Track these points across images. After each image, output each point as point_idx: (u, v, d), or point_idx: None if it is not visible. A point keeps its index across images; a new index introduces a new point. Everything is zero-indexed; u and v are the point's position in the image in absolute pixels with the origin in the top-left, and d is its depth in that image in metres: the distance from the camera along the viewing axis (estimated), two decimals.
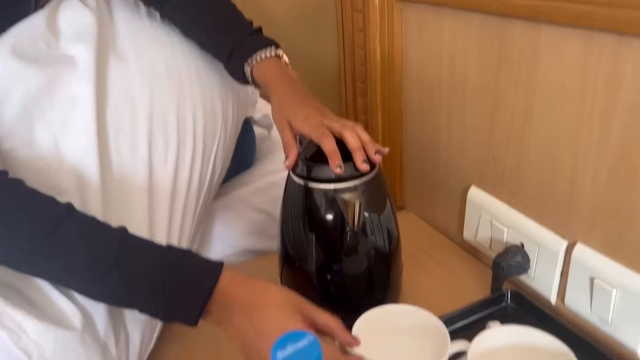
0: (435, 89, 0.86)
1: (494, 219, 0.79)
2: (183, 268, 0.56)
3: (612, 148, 0.60)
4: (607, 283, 0.63)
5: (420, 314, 0.64)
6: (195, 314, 0.55)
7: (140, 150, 0.70)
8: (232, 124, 0.85)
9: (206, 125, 0.78)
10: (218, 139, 0.80)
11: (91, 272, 0.55)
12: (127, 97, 0.71)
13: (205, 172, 0.78)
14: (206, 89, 0.79)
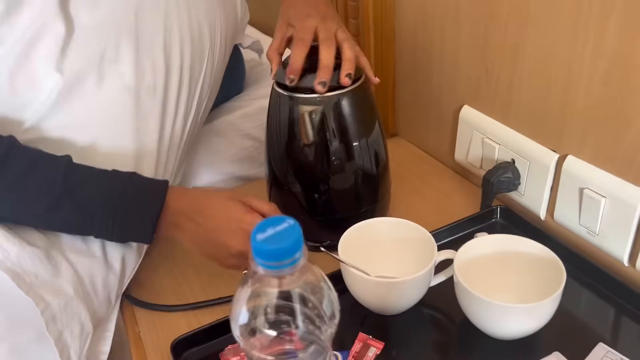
0: (427, 5, 0.83)
1: (485, 136, 0.78)
2: (131, 190, 0.60)
3: (606, 53, 0.58)
4: (596, 193, 0.63)
5: (408, 226, 0.64)
6: (149, 232, 0.60)
7: (127, 78, 0.67)
8: (220, 51, 0.81)
9: (193, 52, 0.75)
10: (205, 66, 0.78)
11: (42, 204, 0.57)
12: (111, 20, 0.67)
13: (192, 101, 0.76)
14: (193, 14, 0.75)
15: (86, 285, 0.60)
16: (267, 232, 0.35)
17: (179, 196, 0.62)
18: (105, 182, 0.59)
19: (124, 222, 0.59)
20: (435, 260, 0.60)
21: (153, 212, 0.60)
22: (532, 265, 0.59)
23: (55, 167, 0.57)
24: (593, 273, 0.64)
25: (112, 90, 0.66)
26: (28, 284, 0.54)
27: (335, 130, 0.67)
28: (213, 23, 0.78)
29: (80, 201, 0.57)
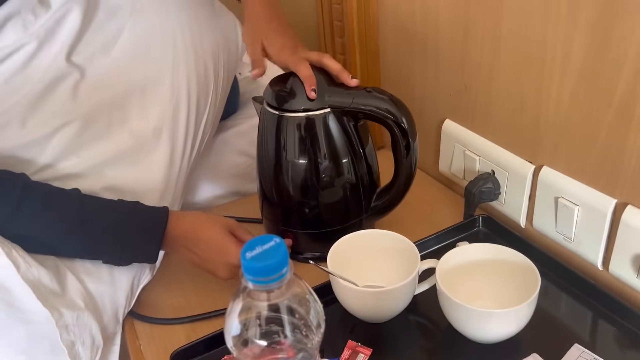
0: (409, 23, 0.87)
1: (466, 149, 0.82)
2: (136, 218, 0.65)
3: (573, 70, 0.61)
4: (570, 201, 0.67)
5: (394, 237, 0.68)
6: (154, 254, 0.66)
7: (133, 123, 0.71)
8: (223, 85, 0.85)
9: (199, 91, 0.78)
10: (210, 102, 0.81)
11: (56, 237, 0.62)
12: (120, 66, 0.71)
13: (197, 135, 0.80)
14: (200, 54, 0.78)
15: (97, 302, 0.64)
16: (256, 250, 0.39)
17: (177, 222, 0.67)
18: (114, 212, 0.64)
19: (131, 247, 0.65)
20: (418, 270, 0.63)
21: (157, 236, 0.65)
22: (510, 272, 0.62)
23: (68, 203, 0.62)
24: (569, 277, 0.68)
25: (118, 135, 0.70)
26: (44, 295, 0.58)
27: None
28: (217, 60, 0.81)
29: (92, 231, 0.62)
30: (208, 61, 0.79)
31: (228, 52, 0.85)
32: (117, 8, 0.73)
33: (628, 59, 0.55)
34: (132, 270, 0.69)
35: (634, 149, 0.58)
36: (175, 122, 0.75)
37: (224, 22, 0.86)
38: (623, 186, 0.61)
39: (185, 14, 0.78)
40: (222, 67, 0.83)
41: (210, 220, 0.70)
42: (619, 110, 0.58)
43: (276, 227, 0.78)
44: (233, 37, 0.88)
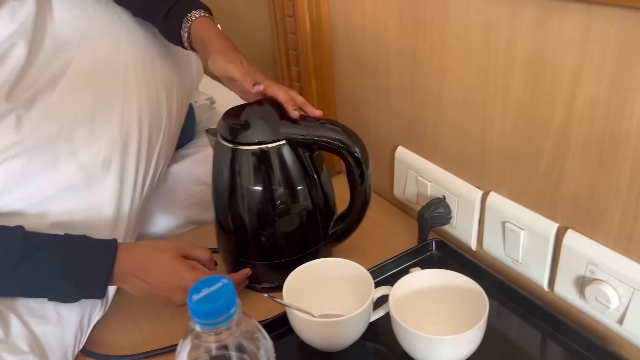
0: (361, 53, 0.89)
1: (419, 175, 0.84)
2: (83, 251, 0.64)
3: (513, 102, 0.65)
4: (516, 225, 0.69)
5: (349, 265, 0.69)
6: (102, 289, 0.64)
7: (81, 156, 0.70)
8: (176, 115, 0.85)
9: (151, 122, 0.78)
10: (163, 133, 0.81)
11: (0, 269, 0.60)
12: (68, 99, 0.70)
13: (149, 168, 0.80)
14: (152, 83, 0.78)
15: (42, 345, 0.62)
16: (202, 292, 0.39)
17: (126, 254, 0.65)
18: (59, 246, 0.63)
19: (78, 282, 0.63)
20: (372, 297, 0.64)
21: (105, 269, 0.63)
22: (461, 296, 0.64)
23: (10, 237, 0.60)
24: (518, 299, 0.70)
25: (66, 168, 0.69)
26: None
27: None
28: (170, 89, 0.81)
29: (36, 266, 0.61)
30: (161, 91, 0.79)
31: (182, 80, 0.85)
32: (65, 41, 0.72)
33: (561, 91, 0.58)
34: (81, 307, 0.68)
35: (572, 176, 0.61)
36: (125, 153, 0.74)
37: (177, 52, 0.86)
38: (563, 211, 0.64)
39: (138, 44, 0.78)
40: (176, 96, 0.83)
41: (159, 246, 0.69)
42: (556, 138, 0.61)
43: (233, 257, 0.78)
44: (187, 65, 0.89)
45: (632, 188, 0.55)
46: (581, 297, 0.63)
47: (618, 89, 0.52)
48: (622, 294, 0.58)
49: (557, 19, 0.56)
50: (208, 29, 0.75)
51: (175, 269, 0.66)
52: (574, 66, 0.56)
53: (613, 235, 0.59)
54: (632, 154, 0.53)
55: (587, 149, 0.58)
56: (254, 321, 0.44)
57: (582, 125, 0.57)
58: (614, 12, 0.50)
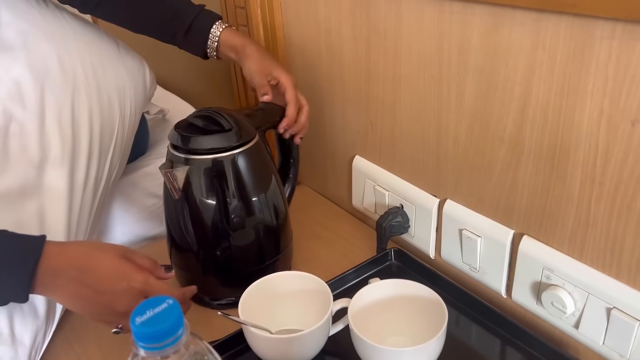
0: (316, 63, 0.89)
1: (376, 184, 0.83)
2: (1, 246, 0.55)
3: (467, 109, 0.65)
4: (473, 233, 0.69)
5: (306, 278, 0.67)
6: (23, 291, 0.55)
7: (31, 152, 0.67)
8: (130, 119, 0.83)
9: (103, 123, 0.77)
10: (115, 136, 0.79)
11: None
12: (15, 94, 0.68)
13: (103, 171, 0.77)
14: (103, 86, 0.77)
15: None
16: (146, 315, 0.37)
17: (58, 252, 0.57)
18: None
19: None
20: (331, 311, 0.62)
21: (26, 270, 0.54)
22: (420, 306, 0.63)
23: None
24: (477, 306, 0.70)
25: (16, 164, 0.66)
26: None
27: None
28: (123, 95, 0.81)
29: None
30: (112, 94, 0.78)
31: (135, 89, 0.84)
32: (10, 45, 0.70)
33: (513, 98, 0.59)
34: (36, 324, 0.64)
35: (525, 182, 0.61)
36: (76, 153, 0.72)
37: (129, 61, 0.85)
38: (518, 217, 0.64)
39: (87, 48, 0.77)
40: (129, 101, 0.82)
41: (101, 246, 0.62)
42: (509, 145, 0.61)
43: (188, 273, 0.75)
44: (140, 76, 0.87)
45: (583, 194, 0.55)
46: (538, 303, 0.64)
47: (567, 95, 0.53)
48: (577, 299, 0.59)
49: (508, 26, 0.56)
50: (239, 35, 0.81)
51: (122, 269, 0.58)
52: (525, 73, 0.56)
53: (567, 241, 0.59)
54: (582, 159, 0.54)
55: (539, 155, 0.58)
56: (204, 342, 0.41)
57: (534, 132, 0.58)
58: (561, 19, 0.51)
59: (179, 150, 0.68)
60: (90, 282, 0.57)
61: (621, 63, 0.48)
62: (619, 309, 0.55)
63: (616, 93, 0.49)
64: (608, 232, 0.55)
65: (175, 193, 0.68)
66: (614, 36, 0.47)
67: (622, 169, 0.51)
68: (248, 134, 0.70)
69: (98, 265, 0.58)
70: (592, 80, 0.50)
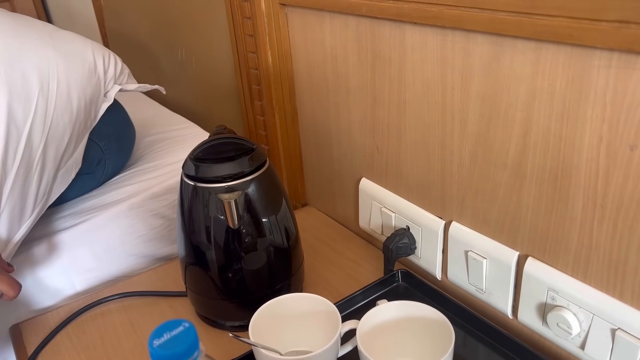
0: (323, 89, 0.91)
1: (383, 206, 0.85)
2: None
3: (470, 134, 0.66)
4: (478, 254, 0.70)
5: (315, 299, 0.68)
6: None
7: None
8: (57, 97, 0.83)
9: (12, 97, 0.76)
10: (33, 113, 0.79)
11: None
12: None
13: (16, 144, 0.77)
14: (15, 62, 0.78)
15: None
16: (163, 337, 0.38)
17: None
18: None
19: None
20: (340, 332, 0.64)
21: None
22: (427, 328, 0.64)
23: None
24: (483, 327, 0.70)
25: None
26: None
27: (244, 214, 0.70)
28: (46, 72, 0.81)
29: None
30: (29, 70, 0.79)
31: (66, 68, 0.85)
32: None
33: (515, 124, 0.60)
34: None
35: (529, 206, 0.63)
36: None
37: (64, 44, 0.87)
38: (523, 239, 0.65)
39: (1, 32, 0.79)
40: (55, 77, 0.83)
41: None
42: (512, 169, 0.63)
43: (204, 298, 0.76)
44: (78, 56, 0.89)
45: (585, 216, 0.57)
46: (544, 324, 0.65)
47: (567, 121, 0.55)
48: (582, 320, 0.60)
49: (509, 55, 0.58)
50: None
51: None
52: (526, 100, 0.58)
53: (571, 262, 0.60)
54: (583, 184, 0.55)
55: (542, 179, 0.60)
56: None
57: (536, 157, 0.59)
58: (560, 48, 0.53)
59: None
60: None
61: (618, 91, 0.49)
62: (624, 330, 0.56)
63: (614, 120, 0.51)
64: (611, 254, 0.56)
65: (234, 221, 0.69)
66: (610, 65, 0.49)
67: (622, 193, 0.52)
68: (260, 158, 0.72)
69: None
70: (590, 107, 0.52)
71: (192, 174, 0.70)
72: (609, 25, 0.47)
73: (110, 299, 0.84)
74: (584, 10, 0.48)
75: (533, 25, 0.53)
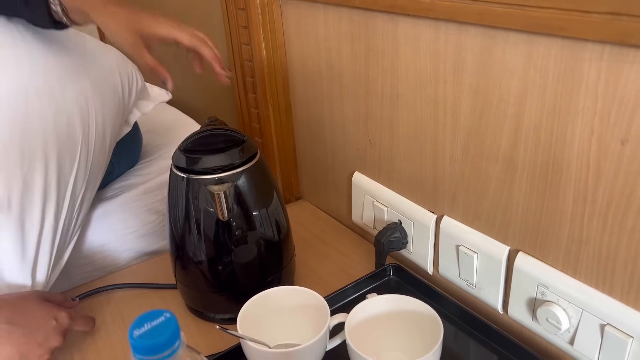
0: (316, 81, 0.90)
1: (375, 200, 0.85)
2: None
3: (462, 128, 0.66)
4: (469, 249, 0.70)
5: (304, 292, 0.68)
6: None
7: None
8: (96, 137, 0.78)
9: (61, 152, 0.72)
10: (78, 160, 0.75)
11: None
12: None
13: (61, 203, 0.74)
14: (61, 110, 0.72)
15: None
16: (144, 328, 0.38)
17: None
18: None
19: None
20: (329, 325, 0.63)
21: None
22: (416, 322, 0.64)
23: None
24: (474, 322, 0.70)
25: None
26: None
27: (234, 206, 0.70)
28: (85, 111, 0.75)
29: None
30: (73, 114, 0.73)
31: (103, 97, 0.79)
32: None
33: (507, 117, 0.60)
34: None
35: (520, 200, 0.62)
36: (28, 192, 0.69)
37: (95, 63, 0.79)
38: (514, 234, 0.65)
39: (42, 65, 0.71)
40: (95, 116, 0.77)
41: (19, 294, 0.67)
42: (504, 163, 0.63)
43: (193, 290, 0.76)
44: (110, 79, 0.82)
45: (576, 211, 0.56)
46: (534, 319, 0.64)
47: (559, 114, 0.54)
48: (571, 315, 0.59)
49: (501, 48, 0.58)
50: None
51: (48, 309, 0.65)
52: (518, 93, 0.58)
53: (561, 257, 0.60)
54: (574, 177, 0.55)
55: (533, 173, 0.59)
56: (201, 356, 0.42)
57: (528, 150, 0.59)
58: (552, 41, 0.52)
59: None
60: (22, 323, 0.63)
61: (610, 84, 0.49)
62: (613, 326, 0.56)
63: (606, 113, 0.50)
64: (601, 249, 0.55)
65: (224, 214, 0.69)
66: (602, 58, 0.49)
67: (613, 187, 0.52)
68: (250, 150, 0.71)
69: (27, 309, 0.64)
70: (582, 100, 0.52)
71: (182, 165, 0.69)
72: (600, 17, 0.46)
73: (100, 290, 0.84)
74: (575, 2, 0.48)
75: (525, 18, 0.53)
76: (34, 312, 0.65)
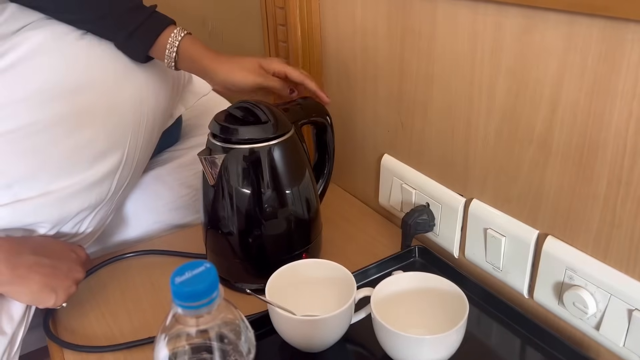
0: (350, 63, 0.91)
1: (403, 182, 0.85)
2: None
3: (497, 110, 0.66)
4: (498, 232, 0.70)
5: (331, 266, 0.69)
6: None
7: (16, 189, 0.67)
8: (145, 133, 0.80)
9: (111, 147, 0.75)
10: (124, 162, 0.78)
11: None
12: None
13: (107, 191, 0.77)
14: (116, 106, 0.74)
15: None
16: (185, 275, 0.39)
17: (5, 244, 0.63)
18: None
19: None
20: (354, 298, 0.64)
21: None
22: (441, 299, 0.64)
23: None
24: (499, 306, 0.70)
25: None
26: None
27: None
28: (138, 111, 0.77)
29: None
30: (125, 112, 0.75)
31: (155, 98, 0.81)
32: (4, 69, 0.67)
33: (543, 99, 0.60)
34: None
35: (552, 183, 0.62)
36: None
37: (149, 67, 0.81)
38: (544, 218, 0.65)
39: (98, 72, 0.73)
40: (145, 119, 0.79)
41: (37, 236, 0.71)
42: (538, 146, 0.63)
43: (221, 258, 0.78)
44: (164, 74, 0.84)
45: (609, 194, 0.56)
46: (560, 304, 0.64)
47: (597, 96, 0.54)
48: (599, 300, 0.59)
49: (541, 28, 0.58)
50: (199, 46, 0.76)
51: (65, 244, 0.71)
52: (555, 74, 0.58)
53: (591, 242, 0.60)
54: (610, 160, 0.55)
55: (567, 155, 0.59)
56: (238, 311, 0.44)
57: (563, 133, 0.59)
58: (593, 21, 0.52)
59: (218, 139, 0.71)
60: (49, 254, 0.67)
61: None
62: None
63: None
64: (633, 233, 0.55)
65: (211, 179, 0.71)
66: None
67: None
68: (284, 127, 0.73)
69: (50, 243, 0.69)
70: (622, 82, 0.52)
71: (219, 134, 0.71)
72: None
73: (130, 255, 0.86)
74: None
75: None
76: (54, 245, 0.69)
